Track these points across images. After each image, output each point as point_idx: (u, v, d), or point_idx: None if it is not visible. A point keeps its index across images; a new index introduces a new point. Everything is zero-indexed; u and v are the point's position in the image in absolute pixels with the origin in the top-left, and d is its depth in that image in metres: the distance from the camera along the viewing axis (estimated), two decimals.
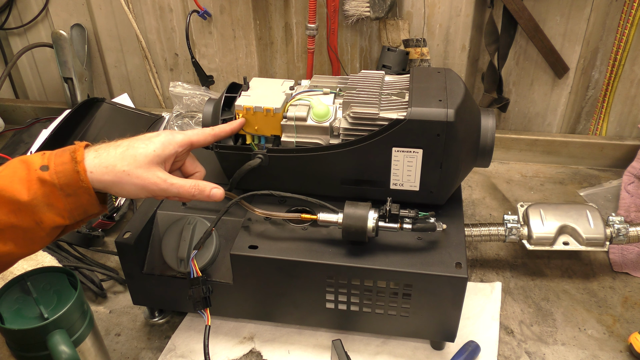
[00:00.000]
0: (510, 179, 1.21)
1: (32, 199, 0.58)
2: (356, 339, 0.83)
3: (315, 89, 0.83)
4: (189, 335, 0.85)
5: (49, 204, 0.59)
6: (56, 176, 0.59)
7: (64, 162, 0.60)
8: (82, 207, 0.61)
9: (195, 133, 0.71)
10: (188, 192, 0.66)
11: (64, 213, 0.60)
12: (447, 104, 0.72)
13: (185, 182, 0.66)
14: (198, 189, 0.67)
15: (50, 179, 0.59)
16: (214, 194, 0.69)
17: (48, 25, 1.45)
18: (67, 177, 0.60)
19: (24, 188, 0.58)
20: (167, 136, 0.67)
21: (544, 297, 0.91)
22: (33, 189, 0.59)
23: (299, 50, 1.33)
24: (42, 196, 0.59)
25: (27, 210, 0.59)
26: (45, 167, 0.60)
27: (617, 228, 0.87)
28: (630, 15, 1.10)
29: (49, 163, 0.60)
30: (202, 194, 0.68)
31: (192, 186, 0.67)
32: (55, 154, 0.61)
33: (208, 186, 0.68)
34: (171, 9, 1.34)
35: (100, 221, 1.03)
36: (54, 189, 0.59)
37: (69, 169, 0.60)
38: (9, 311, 0.65)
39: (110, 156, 0.62)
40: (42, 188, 0.59)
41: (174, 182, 0.65)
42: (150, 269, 0.81)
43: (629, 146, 1.20)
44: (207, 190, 0.68)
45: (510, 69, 1.24)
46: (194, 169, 0.74)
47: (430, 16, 1.20)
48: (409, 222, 0.73)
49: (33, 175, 0.59)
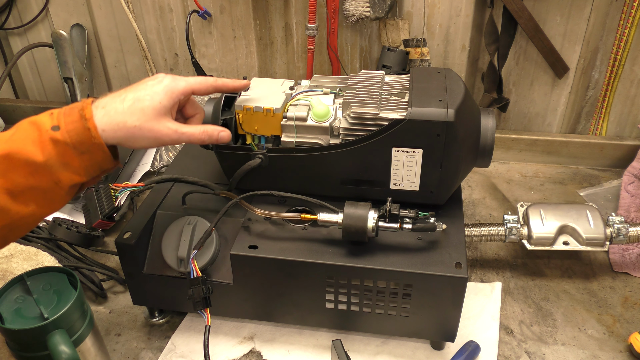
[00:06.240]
0: (510, 179, 1.21)
1: (48, 160, 0.60)
2: (356, 339, 0.83)
3: (315, 89, 0.83)
4: (189, 335, 0.85)
5: (65, 163, 0.61)
6: (68, 135, 0.60)
7: (74, 121, 0.61)
8: (96, 163, 0.63)
9: (197, 81, 0.71)
10: (198, 139, 0.70)
11: (80, 171, 0.62)
12: (447, 104, 0.72)
13: (194, 129, 0.69)
14: (207, 135, 0.70)
15: (63, 139, 0.60)
16: (222, 137, 0.72)
17: (48, 25, 1.45)
18: (79, 136, 0.61)
19: (38, 149, 0.60)
20: (169, 85, 0.67)
21: (544, 297, 0.91)
22: (47, 149, 0.60)
23: (299, 50, 1.33)
24: (57, 156, 0.60)
25: (44, 171, 0.60)
26: (57, 127, 0.61)
27: (617, 228, 0.87)
28: (630, 15, 1.10)
29: (59, 122, 0.61)
30: (211, 139, 0.71)
31: (202, 132, 0.70)
32: (64, 112, 0.62)
33: (216, 130, 0.71)
34: (171, 9, 1.34)
35: (100, 221, 1.03)
36: (67, 148, 0.60)
37: (79, 127, 0.61)
38: (9, 311, 0.65)
39: (119, 112, 0.63)
40: (56, 148, 0.60)
41: (184, 131, 0.67)
42: (150, 269, 0.80)
43: (629, 146, 1.20)
44: (215, 135, 0.71)
45: (510, 69, 1.24)
46: (194, 111, 0.75)
47: (430, 16, 1.20)
48: (409, 222, 0.73)
49: (45, 136, 0.60)
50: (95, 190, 0.77)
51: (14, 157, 0.59)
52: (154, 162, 1.22)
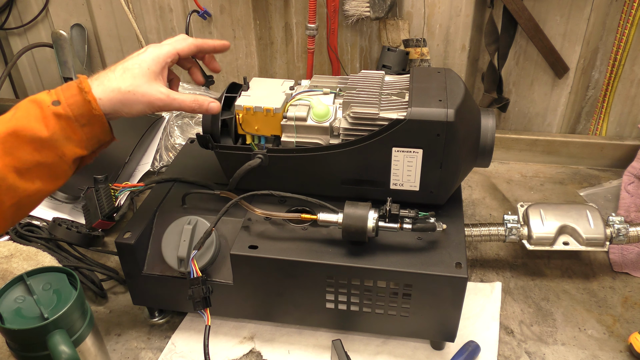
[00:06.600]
0: (510, 179, 1.21)
1: (52, 134, 0.62)
2: (356, 339, 0.83)
3: (315, 89, 0.83)
4: (189, 335, 0.85)
5: (68, 136, 0.63)
6: (69, 108, 0.63)
7: (74, 95, 0.64)
8: (96, 136, 0.66)
9: (180, 43, 0.74)
10: (189, 107, 0.72)
11: (82, 143, 0.65)
12: (447, 104, 0.72)
13: (186, 97, 0.71)
14: (197, 103, 0.72)
15: (65, 113, 0.62)
16: (211, 107, 0.74)
17: (48, 25, 1.45)
18: (80, 108, 0.63)
19: (42, 125, 0.61)
20: (154, 51, 0.71)
21: (544, 297, 0.91)
22: (51, 124, 0.62)
23: (299, 50, 1.33)
24: (61, 130, 0.62)
25: (50, 146, 0.62)
26: (57, 102, 0.63)
27: (617, 228, 0.87)
28: (630, 15, 1.10)
29: (59, 98, 0.63)
30: (201, 108, 0.73)
31: (192, 101, 0.72)
32: (62, 88, 0.64)
33: (206, 101, 0.73)
34: (171, 9, 1.34)
35: (100, 221, 1.03)
36: (70, 121, 0.63)
37: (79, 100, 0.63)
38: (9, 311, 0.65)
39: (112, 80, 0.66)
40: (60, 122, 0.62)
41: (175, 97, 0.70)
42: (150, 269, 0.81)
43: (629, 146, 1.20)
44: (206, 105, 0.73)
45: (510, 69, 1.24)
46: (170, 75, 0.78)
47: (430, 16, 1.20)
48: (409, 222, 0.73)
49: (48, 112, 0.62)
50: (95, 190, 0.77)
51: (19, 134, 0.61)
52: (154, 162, 1.22)
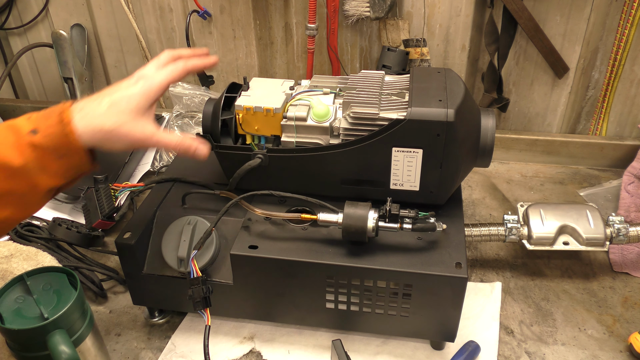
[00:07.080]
0: (510, 179, 1.21)
1: (26, 164, 0.59)
2: (356, 339, 0.83)
3: (315, 89, 0.83)
4: (189, 335, 0.85)
5: (42, 167, 0.60)
6: (47, 139, 0.59)
7: (53, 125, 0.60)
8: (75, 167, 0.62)
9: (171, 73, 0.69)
10: (174, 149, 0.68)
11: (58, 174, 0.61)
12: (447, 104, 0.72)
13: (171, 138, 0.67)
14: (183, 148, 0.68)
15: (41, 143, 0.59)
16: (199, 154, 0.69)
17: (48, 25, 1.45)
18: (58, 140, 0.60)
19: (15, 153, 0.58)
20: (145, 85, 0.66)
21: (544, 297, 0.91)
22: (25, 153, 0.59)
23: (299, 50, 1.33)
24: (35, 160, 0.59)
25: (22, 175, 0.59)
26: (35, 131, 0.59)
27: (617, 228, 0.87)
28: (630, 15, 1.10)
29: (38, 126, 0.60)
30: (187, 153, 0.69)
31: (178, 143, 0.68)
32: (43, 115, 0.61)
33: (193, 144, 0.69)
34: (171, 9, 1.34)
35: (100, 221, 1.03)
36: (46, 152, 0.59)
37: (58, 131, 0.60)
38: (9, 311, 0.65)
39: (96, 115, 0.62)
40: (34, 152, 0.59)
41: (159, 138, 0.66)
42: (150, 269, 0.80)
43: (629, 146, 1.20)
44: (192, 150, 0.69)
45: (510, 69, 1.24)
46: None
47: (430, 16, 1.20)
48: (409, 222, 0.73)
49: (24, 140, 0.59)
50: (95, 190, 0.77)
51: None
52: (154, 162, 1.22)
